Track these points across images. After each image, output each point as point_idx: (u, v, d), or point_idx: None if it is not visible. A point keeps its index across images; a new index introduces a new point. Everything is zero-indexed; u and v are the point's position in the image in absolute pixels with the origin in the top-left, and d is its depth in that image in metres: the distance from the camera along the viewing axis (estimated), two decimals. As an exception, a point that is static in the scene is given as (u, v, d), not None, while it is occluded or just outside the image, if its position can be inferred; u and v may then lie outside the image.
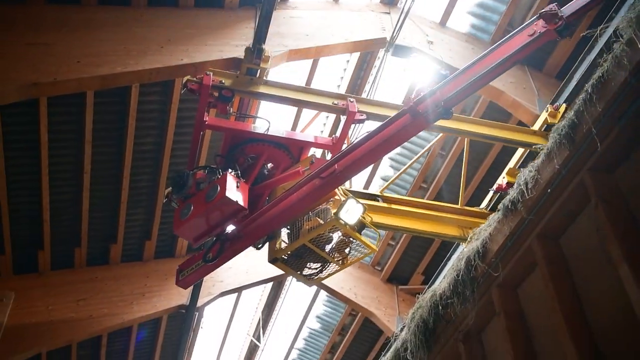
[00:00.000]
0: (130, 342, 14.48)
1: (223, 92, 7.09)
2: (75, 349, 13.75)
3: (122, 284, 12.42)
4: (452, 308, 5.63)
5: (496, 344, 5.50)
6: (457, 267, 5.56)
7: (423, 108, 6.17)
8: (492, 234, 5.11)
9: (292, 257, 7.07)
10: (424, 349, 6.12)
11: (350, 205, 6.73)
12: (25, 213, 11.10)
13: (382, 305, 12.90)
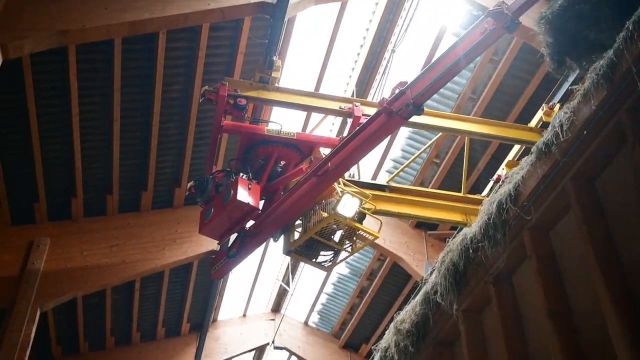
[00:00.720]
0: (162, 286, 14.77)
1: (238, 101, 7.74)
2: (110, 293, 14.09)
3: (153, 230, 12.61)
4: (482, 251, 5.63)
5: (527, 286, 5.50)
6: (488, 211, 5.54)
7: (396, 107, 6.73)
8: (525, 177, 5.06)
9: (304, 248, 7.83)
10: (453, 292, 6.15)
11: (346, 200, 7.37)
12: (57, 161, 11.27)
13: (411, 250, 12.95)
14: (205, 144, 11.79)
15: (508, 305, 5.70)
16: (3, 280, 10.95)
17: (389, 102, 6.86)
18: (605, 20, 4.73)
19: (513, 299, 5.74)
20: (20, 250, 11.36)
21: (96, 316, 14.88)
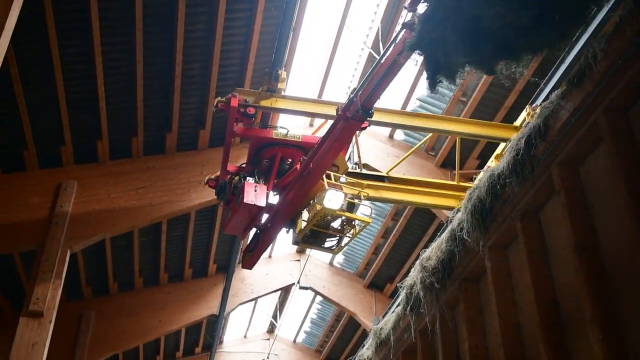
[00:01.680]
0: (188, 228, 14.95)
1: (247, 110, 8.63)
2: (137, 235, 14.29)
3: (179, 172, 12.67)
4: (510, 187, 5.58)
5: (554, 221, 5.46)
6: (516, 147, 5.46)
7: (350, 113, 7.42)
8: (555, 111, 4.95)
9: (310, 238, 8.86)
10: (480, 229, 6.13)
11: (330, 195, 8.27)
12: (82, 103, 11.28)
13: (437, 190, 12.86)
14: (229, 85, 11.73)
15: (535, 240, 5.68)
16: (33, 222, 11.12)
17: (342, 109, 7.62)
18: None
19: (540, 235, 5.71)
20: (48, 193, 11.49)
21: (124, 258, 15.15)
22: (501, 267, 6.27)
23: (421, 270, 7.16)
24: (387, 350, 8.60)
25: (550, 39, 4.80)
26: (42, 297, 10.26)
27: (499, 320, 6.02)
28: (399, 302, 8.00)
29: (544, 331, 5.28)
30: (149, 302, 16.61)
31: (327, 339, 22.09)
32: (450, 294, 7.07)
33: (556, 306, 5.41)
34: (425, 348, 7.67)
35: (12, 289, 14.11)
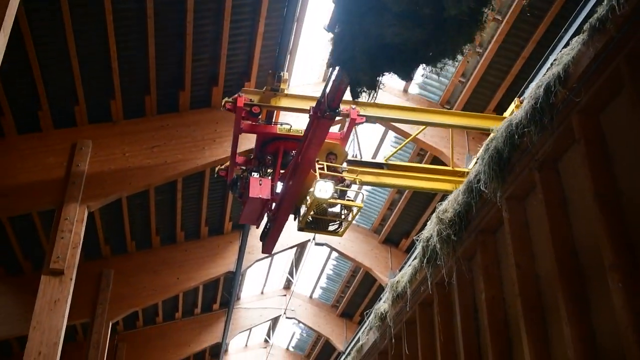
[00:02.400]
0: (204, 186, 15.00)
1: (253, 109, 9.31)
2: (153, 194, 14.37)
3: (192, 130, 12.66)
4: (528, 137, 5.51)
5: (574, 171, 5.40)
6: (535, 95, 5.37)
7: (320, 112, 7.94)
8: (576, 57, 4.84)
9: (313, 224, 9.67)
10: (497, 180, 6.08)
11: (320, 185, 8.95)
12: (95, 62, 11.23)
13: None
14: (242, 40, 11.63)
15: (553, 190, 5.63)
16: (50, 182, 11.19)
17: (314, 110, 8.20)
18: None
19: (558, 185, 5.66)
20: (64, 152, 11.53)
21: (141, 216, 15.28)
22: (519, 218, 6.24)
23: (438, 223, 7.14)
24: (403, 303, 8.64)
25: (450, 48, 5.57)
26: (62, 256, 10.38)
27: (516, 271, 6.01)
28: (416, 255, 8.02)
29: (562, 281, 5.27)
30: (167, 260, 16.79)
31: (343, 294, 22.31)
32: (467, 245, 7.06)
33: (575, 256, 5.38)
34: (442, 300, 7.69)
35: (33, 249, 14.29)
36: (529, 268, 6.01)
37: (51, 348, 9.86)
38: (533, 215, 6.14)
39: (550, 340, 5.64)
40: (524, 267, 6.01)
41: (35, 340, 9.86)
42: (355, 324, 22.43)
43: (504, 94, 12.36)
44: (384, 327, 9.66)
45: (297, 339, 27.37)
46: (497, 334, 6.42)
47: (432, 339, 8.14)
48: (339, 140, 9.96)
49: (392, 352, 9.63)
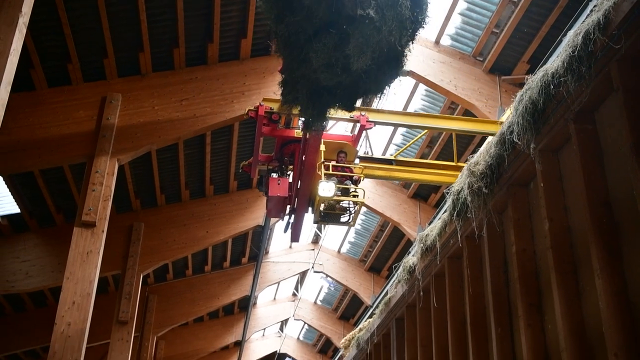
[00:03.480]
0: (232, 140, 15.01)
1: (272, 116, 10.51)
2: (182, 147, 14.43)
3: (221, 83, 12.61)
4: (564, 87, 5.36)
5: (611, 121, 5.27)
6: (573, 43, 5.20)
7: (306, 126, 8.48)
8: (617, 3, 4.67)
9: (326, 217, 10.97)
10: (531, 131, 5.95)
11: (323, 185, 10.18)
12: (123, 15, 11.18)
13: (484, 97, 12.59)
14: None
15: (589, 142, 5.50)
16: (81, 135, 11.28)
17: (303, 123, 8.95)
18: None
19: (594, 136, 5.53)
20: (94, 106, 11.58)
21: (171, 170, 15.37)
22: (552, 170, 6.13)
23: (469, 175, 7.05)
24: (432, 257, 8.61)
25: (376, 87, 7.01)
26: (93, 208, 10.51)
27: (548, 224, 5.93)
28: (446, 208, 7.96)
29: (595, 233, 5.19)
30: (196, 213, 16.94)
31: (371, 249, 22.38)
32: (498, 198, 6.98)
33: (609, 208, 5.28)
34: (472, 253, 7.65)
35: (65, 202, 14.50)
36: (561, 221, 5.92)
37: (84, 298, 10.05)
38: (567, 168, 6.03)
39: (582, 293, 5.58)
40: (556, 220, 5.92)
41: (69, 290, 10.05)
42: (382, 279, 22.55)
43: (539, 44, 12.03)
44: (413, 280, 9.66)
45: (325, 292, 27.64)
46: (527, 287, 6.37)
47: (460, 292, 8.13)
48: (350, 141, 11.17)
49: (420, 305, 9.65)
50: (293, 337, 32.52)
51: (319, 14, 6.01)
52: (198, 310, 21.97)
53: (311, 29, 6.20)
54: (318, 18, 6.06)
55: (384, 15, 6.07)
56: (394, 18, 6.14)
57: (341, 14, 5.99)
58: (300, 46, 6.40)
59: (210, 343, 26.25)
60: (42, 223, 14.88)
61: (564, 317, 5.49)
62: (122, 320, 14.66)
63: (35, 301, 17.93)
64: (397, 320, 11.75)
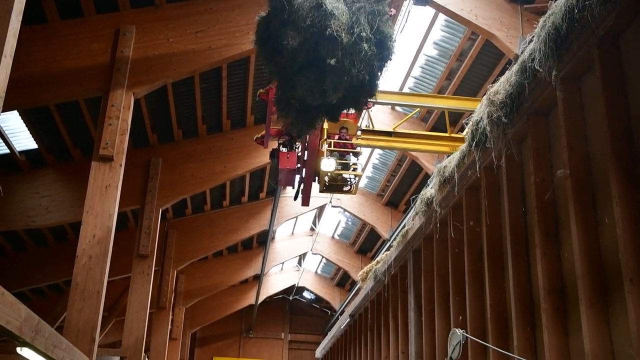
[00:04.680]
0: (249, 73, 14.86)
1: None
2: (198, 81, 14.31)
3: (237, 14, 12.35)
4: (589, 10, 5.19)
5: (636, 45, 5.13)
6: (598, -36, 5.02)
7: None
8: None
9: (330, 187, 12.61)
10: (553, 58, 5.82)
11: (325, 161, 11.82)
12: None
13: (505, 27, 12.24)
14: None
15: (612, 68, 5.38)
16: (95, 68, 11.16)
17: None
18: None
19: (618, 62, 5.39)
20: (108, 38, 11.40)
21: (187, 105, 15.30)
22: (573, 98, 6.02)
23: (488, 105, 6.95)
24: (450, 188, 8.58)
25: (355, 105, 8.71)
26: (110, 142, 10.50)
27: (568, 152, 5.86)
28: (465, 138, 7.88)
29: (615, 161, 5.12)
30: (214, 148, 16.93)
31: (389, 183, 22.37)
32: (517, 128, 6.89)
33: (630, 136, 5.20)
34: (490, 184, 7.61)
35: (82, 137, 14.54)
36: (581, 149, 5.85)
37: (105, 231, 10.15)
38: (588, 95, 5.91)
39: (599, 221, 5.55)
40: (576, 149, 5.85)
41: (89, 224, 10.14)
42: (400, 213, 22.61)
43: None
44: (430, 212, 9.67)
45: (343, 227, 27.82)
46: (544, 216, 6.35)
47: (478, 223, 8.13)
48: (351, 118, 12.13)
49: (437, 236, 9.68)
50: (311, 270, 32.95)
51: (299, 58, 7.65)
52: (217, 245, 22.22)
53: (295, 67, 7.76)
54: (299, 60, 7.67)
55: (352, 60, 7.52)
56: (362, 61, 7.59)
57: (318, 57, 7.58)
58: (288, 77, 7.98)
59: (229, 277, 26.67)
60: (59, 158, 14.94)
61: (581, 244, 5.48)
62: (142, 254, 14.87)
63: (56, 236, 18.21)
64: (414, 252, 11.83)
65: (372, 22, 7.82)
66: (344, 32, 7.53)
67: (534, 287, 6.72)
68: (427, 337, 10.73)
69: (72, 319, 9.28)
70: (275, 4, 7.79)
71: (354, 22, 7.72)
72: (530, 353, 6.66)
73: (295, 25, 7.64)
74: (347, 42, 7.51)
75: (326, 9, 7.50)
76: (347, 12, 7.75)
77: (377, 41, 7.79)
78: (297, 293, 34.62)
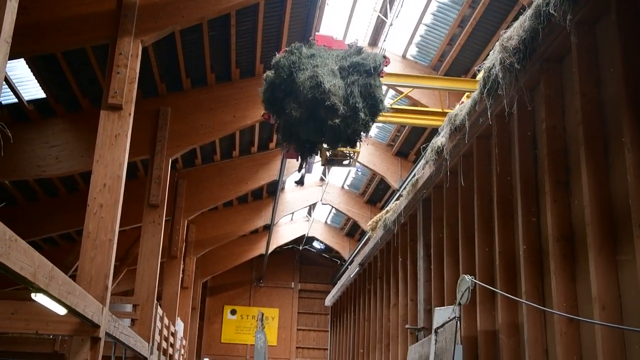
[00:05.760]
0: (257, 21, 14.67)
1: None
2: (206, 29, 14.14)
3: (244, -40, 12.13)
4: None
5: (654, -12, 5.00)
6: None
7: None
8: None
9: (331, 161, 13.53)
10: (568, 1, 5.70)
11: None
12: None
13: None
14: None
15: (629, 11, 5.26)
16: (102, 15, 11.00)
17: None
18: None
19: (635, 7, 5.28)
20: (114, -17, 11.24)
21: (195, 53, 15.15)
22: (588, 43, 5.92)
23: (501, 51, 6.85)
24: (461, 136, 8.54)
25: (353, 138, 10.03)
26: (119, 91, 10.43)
27: (580, 99, 5.80)
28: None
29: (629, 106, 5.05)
30: (222, 97, 16.82)
31: (399, 133, 22.27)
32: (530, 75, 6.80)
33: (646, 81, 5.11)
34: (501, 131, 7.56)
35: (90, 87, 14.48)
36: (594, 96, 5.78)
37: (115, 180, 10.17)
38: (603, 41, 5.81)
39: (610, 168, 5.51)
40: (589, 95, 5.78)
41: (99, 173, 10.16)
42: (410, 163, 22.56)
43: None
44: (440, 160, 9.65)
45: (352, 177, 27.82)
46: (555, 164, 6.32)
47: (488, 171, 8.11)
48: None
49: (447, 185, 9.68)
50: (321, 221, 33.11)
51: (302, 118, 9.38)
52: (227, 195, 22.27)
53: (297, 122, 9.44)
54: (302, 119, 9.34)
55: (347, 123, 9.13)
56: (355, 121, 9.21)
57: (317, 114, 9.15)
58: (290, 126, 9.76)
59: (239, 227, 26.82)
60: (68, 108, 14.90)
61: (591, 191, 5.47)
62: (152, 204, 14.93)
63: (67, 186, 18.30)
64: (424, 201, 11.86)
65: (365, 92, 9.43)
66: (340, 105, 9.09)
67: (543, 235, 6.74)
68: (435, 284, 10.83)
69: (84, 267, 9.37)
70: (280, 73, 9.54)
71: (349, 95, 9.30)
72: (537, 299, 6.71)
73: (297, 98, 9.36)
74: (343, 112, 9.11)
75: (324, 88, 9.01)
76: (343, 87, 9.35)
77: (370, 105, 9.46)
78: (307, 243, 34.89)
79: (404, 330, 13.65)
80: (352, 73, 9.63)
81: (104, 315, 8.68)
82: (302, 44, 10.55)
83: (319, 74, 9.24)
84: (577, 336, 6.05)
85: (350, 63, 9.88)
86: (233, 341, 34.08)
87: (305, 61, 9.82)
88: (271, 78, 10.33)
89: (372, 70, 9.72)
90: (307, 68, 9.55)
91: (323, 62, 9.72)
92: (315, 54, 10.05)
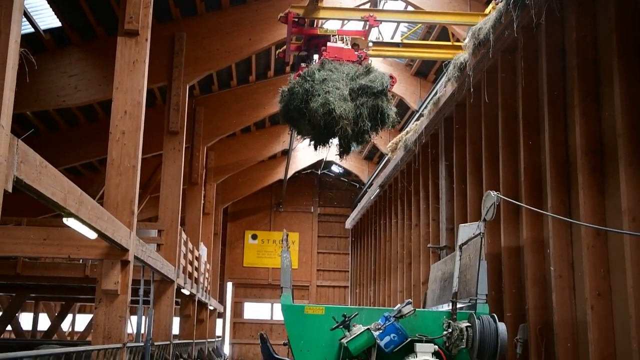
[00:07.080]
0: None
1: (299, 20, 12.68)
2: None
3: None
4: None
5: None
6: None
7: None
8: None
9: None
10: None
11: None
12: None
13: None
14: None
15: None
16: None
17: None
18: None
19: None
20: None
21: (209, -24, 14.85)
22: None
23: (528, -41, 6.61)
24: (485, 51, 8.37)
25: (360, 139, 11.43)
26: (134, 16, 10.28)
27: (614, 5, 5.61)
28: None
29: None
30: (238, 21, 16.54)
31: (417, 54, 21.84)
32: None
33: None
34: (528, 44, 7.40)
35: (104, 14, 14.30)
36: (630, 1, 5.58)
37: (135, 107, 10.15)
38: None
39: (645, 78, 5.37)
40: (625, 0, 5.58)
41: (120, 100, 10.13)
42: (429, 83, 22.24)
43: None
44: (463, 77, 9.49)
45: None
46: (585, 75, 6.19)
47: (513, 86, 7.97)
48: (361, 35, 13.14)
49: (470, 102, 9.56)
50: (338, 147, 33.08)
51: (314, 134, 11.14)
52: (245, 120, 22.21)
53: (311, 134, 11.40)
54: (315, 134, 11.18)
55: (356, 136, 10.71)
56: (365, 134, 10.76)
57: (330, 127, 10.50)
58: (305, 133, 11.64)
59: (258, 152, 26.88)
60: (84, 36, 14.75)
61: (623, 102, 5.36)
62: (172, 131, 14.96)
63: (87, 115, 18.34)
64: (445, 120, 11.76)
65: (373, 112, 10.56)
66: (349, 127, 10.41)
67: (570, 149, 6.67)
68: (458, 203, 10.85)
69: (110, 194, 9.48)
70: (294, 99, 10.69)
71: (358, 117, 10.45)
72: (564, 213, 6.70)
73: (310, 121, 10.65)
74: (352, 133, 10.54)
75: (336, 114, 10.21)
76: (352, 109, 10.46)
77: (378, 120, 10.64)
78: (326, 167, 34.97)
79: (425, 250, 13.79)
80: (361, 95, 10.74)
81: (132, 239, 8.83)
82: (314, 69, 11.41)
83: (330, 101, 10.38)
84: (604, 249, 6.07)
85: (360, 86, 10.89)
86: (255, 265, 34.67)
87: (317, 87, 10.83)
88: (286, 98, 11.44)
89: (379, 92, 10.86)
90: (320, 94, 10.63)
91: (334, 86, 10.72)
92: (327, 78, 11.00)
